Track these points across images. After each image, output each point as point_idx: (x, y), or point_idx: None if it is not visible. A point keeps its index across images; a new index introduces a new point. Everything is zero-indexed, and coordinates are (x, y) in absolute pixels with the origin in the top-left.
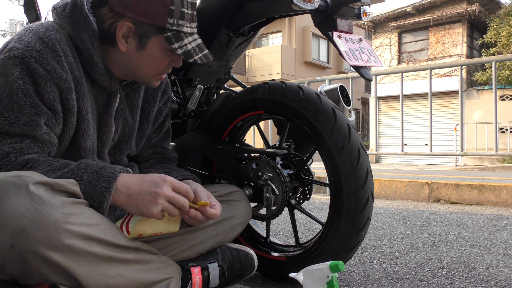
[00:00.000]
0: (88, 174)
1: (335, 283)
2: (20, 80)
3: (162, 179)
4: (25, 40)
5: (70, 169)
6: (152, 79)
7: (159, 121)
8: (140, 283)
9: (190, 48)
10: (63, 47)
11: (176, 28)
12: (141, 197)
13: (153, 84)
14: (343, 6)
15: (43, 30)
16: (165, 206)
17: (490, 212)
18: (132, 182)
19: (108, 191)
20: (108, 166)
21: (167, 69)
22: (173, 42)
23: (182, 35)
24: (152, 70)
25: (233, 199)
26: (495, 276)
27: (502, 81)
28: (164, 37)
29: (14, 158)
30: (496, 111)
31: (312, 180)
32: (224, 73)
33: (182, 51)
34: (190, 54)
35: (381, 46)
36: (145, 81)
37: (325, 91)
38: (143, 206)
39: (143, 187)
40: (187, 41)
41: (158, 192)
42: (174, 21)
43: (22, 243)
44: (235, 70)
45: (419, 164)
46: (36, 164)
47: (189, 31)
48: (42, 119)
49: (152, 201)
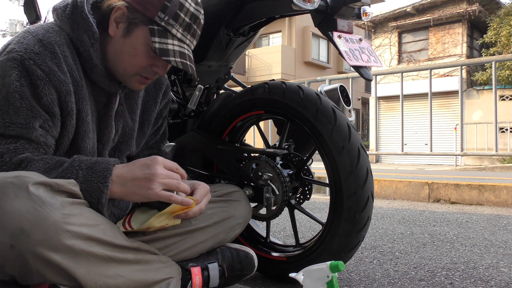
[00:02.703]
0: (83, 171)
1: (335, 283)
2: (17, 83)
3: (153, 160)
4: (24, 43)
5: (64, 168)
6: (131, 77)
7: (158, 123)
8: (140, 283)
9: (170, 48)
10: (63, 50)
11: (164, 25)
12: (137, 182)
13: (133, 86)
14: (343, 6)
15: (42, 32)
16: (164, 182)
17: (490, 212)
18: (125, 171)
19: (105, 186)
20: (102, 160)
21: (148, 71)
22: (155, 36)
23: (168, 34)
24: (130, 65)
25: (233, 199)
26: (495, 276)
27: (502, 81)
28: (149, 29)
29: (8, 158)
30: (496, 111)
31: (312, 180)
32: (224, 73)
33: (160, 46)
34: (167, 53)
35: (381, 46)
36: (124, 79)
37: (325, 91)
38: (144, 190)
39: (136, 172)
40: (170, 41)
41: (152, 173)
42: (164, 17)
43: (22, 244)
44: (235, 70)
45: (419, 164)
46: (31, 163)
47: (179, 36)
48: (37, 122)
49: (150, 181)
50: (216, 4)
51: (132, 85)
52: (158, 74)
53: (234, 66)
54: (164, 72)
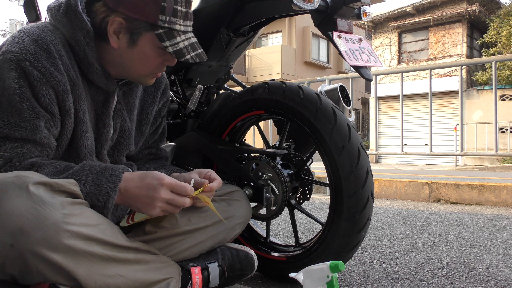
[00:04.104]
0: (93, 175)
1: (335, 283)
2: (16, 85)
3: (160, 183)
4: (19, 43)
5: (74, 171)
6: (146, 77)
7: (157, 122)
8: (139, 283)
9: (182, 46)
10: (58, 49)
11: (168, 26)
12: (140, 200)
13: (147, 82)
14: (343, 6)
15: (37, 32)
16: (164, 207)
17: (490, 212)
18: (132, 186)
19: (113, 190)
20: (111, 166)
21: (161, 67)
22: (165, 40)
23: (174, 32)
24: (145, 68)
25: (233, 198)
26: (495, 276)
27: (502, 81)
28: (155, 34)
29: (18, 163)
30: (496, 111)
31: (312, 180)
32: (224, 73)
33: (174, 49)
34: (182, 53)
35: (381, 46)
36: (139, 80)
37: (325, 91)
38: (143, 208)
39: (142, 192)
40: (179, 39)
41: (155, 196)
42: (166, 18)
43: (22, 243)
44: (235, 70)
45: (419, 164)
46: (41, 168)
47: (183, 29)
48: (42, 121)
49: (150, 204)
50: (216, 4)
51: (147, 82)
52: (169, 65)
53: (234, 66)
54: (174, 62)
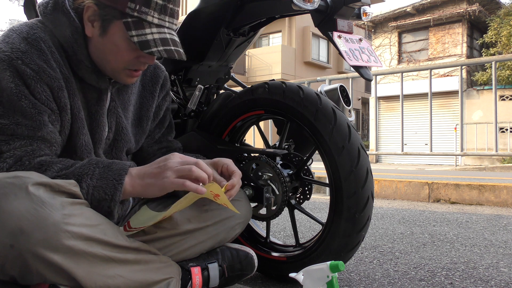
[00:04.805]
0: (100, 169)
1: (335, 283)
2: (12, 84)
3: (170, 155)
4: (9, 42)
5: (82, 165)
6: (121, 73)
7: (159, 116)
8: (139, 283)
9: (150, 38)
10: (49, 45)
11: (138, 15)
12: (153, 174)
13: (124, 80)
14: (343, 6)
15: (26, 29)
16: (178, 169)
17: (490, 212)
18: (142, 167)
19: (119, 183)
20: (118, 161)
21: (136, 63)
22: (131, 29)
23: (144, 23)
24: (117, 62)
25: (233, 198)
26: (495, 276)
27: (502, 81)
28: (123, 23)
29: (27, 161)
30: (496, 111)
31: (312, 180)
32: (224, 73)
33: (138, 39)
34: (148, 45)
35: (381, 46)
36: (114, 76)
37: (325, 91)
38: (159, 179)
39: (153, 166)
40: (148, 31)
41: (165, 163)
42: (135, 6)
43: (21, 244)
44: (235, 70)
45: (419, 164)
46: (50, 166)
47: (156, 22)
48: (45, 116)
49: (164, 171)
50: (216, 4)
51: (123, 80)
52: (147, 63)
53: (234, 66)
54: (153, 61)
